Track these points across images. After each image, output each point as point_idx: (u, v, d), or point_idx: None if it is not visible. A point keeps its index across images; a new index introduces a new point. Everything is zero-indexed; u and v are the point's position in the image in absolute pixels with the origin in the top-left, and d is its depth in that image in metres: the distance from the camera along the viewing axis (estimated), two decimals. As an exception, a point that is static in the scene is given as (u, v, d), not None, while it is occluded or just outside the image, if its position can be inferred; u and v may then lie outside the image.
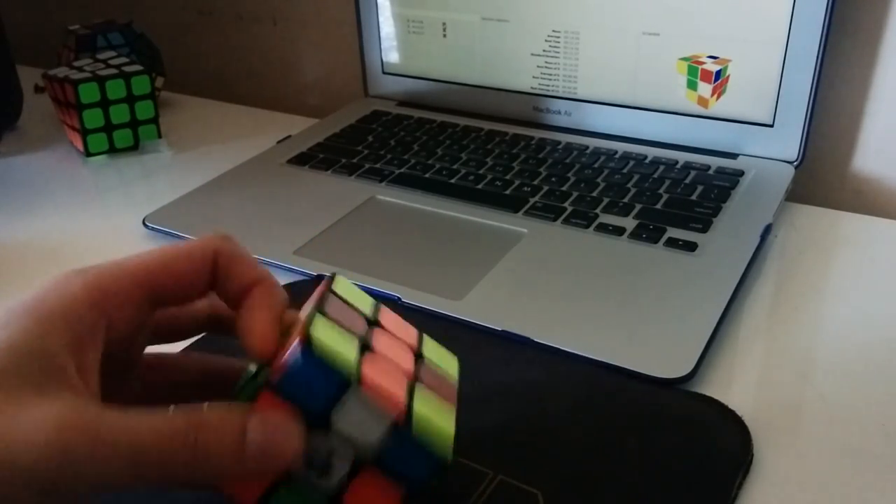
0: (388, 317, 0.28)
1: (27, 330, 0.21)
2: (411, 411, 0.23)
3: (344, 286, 0.27)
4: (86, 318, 0.23)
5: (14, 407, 0.20)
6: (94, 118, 0.61)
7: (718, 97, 0.53)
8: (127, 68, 0.61)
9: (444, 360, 0.28)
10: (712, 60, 0.52)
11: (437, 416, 0.24)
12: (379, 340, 0.26)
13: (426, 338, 0.28)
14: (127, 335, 0.24)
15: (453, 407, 0.26)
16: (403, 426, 0.23)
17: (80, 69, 0.61)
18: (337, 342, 0.23)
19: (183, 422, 0.21)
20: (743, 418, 0.32)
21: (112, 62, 0.63)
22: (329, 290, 0.26)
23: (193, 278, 0.26)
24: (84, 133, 0.61)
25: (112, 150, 0.63)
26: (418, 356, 0.27)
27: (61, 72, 0.61)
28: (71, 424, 0.20)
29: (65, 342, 0.22)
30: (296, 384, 0.22)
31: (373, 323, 0.27)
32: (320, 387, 0.22)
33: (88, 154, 0.62)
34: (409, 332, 0.28)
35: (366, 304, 0.27)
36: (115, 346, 0.24)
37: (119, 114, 0.62)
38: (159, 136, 0.64)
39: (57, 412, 0.20)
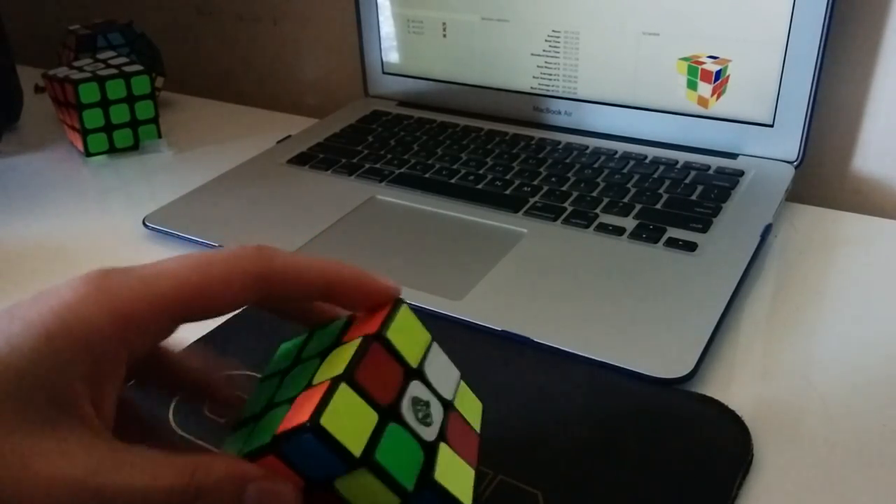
0: (434, 358, 0.26)
1: (40, 358, 0.20)
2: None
3: (402, 324, 0.25)
4: (108, 352, 0.21)
5: (31, 445, 0.20)
6: (94, 118, 0.61)
7: (718, 97, 0.53)
8: (127, 68, 0.61)
9: (471, 408, 0.27)
10: (712, 60, 0.52)
11: (452, 484, 0.23)
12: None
13: (461, 383, 0.27)
14: (146, 353, 0.23)
15: (473, 463, 0.25)
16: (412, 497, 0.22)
17: (80, 69, 0.61)
18: (350, 426, 0.22)
19: (184, 481, 0.21)
20: (743, 418, 0.32)
21: (112, 62, 0.63)
22: (380, 335, 0.24)
23: (228, 302, 0.23)
24: (84, 133, 0.61)
25: (112, 150, 0.63)
26: (449, 405, 0.26)
27: (61, 72, 0.61)
28: (88, 489, 0.19)
29: (83, 374, 0.21)
30: (298, 458, 0.22)
31: (413, 372, 0.25)
32: (324, 464, 0.22)
33: (88, 154, 0.62)
34: (449, 376, 0.27)
35: (419, 344, 0.25)
36: (131, 365, 0.23)
37: (119, 114, 0.62)
38: (159, 136, 0.64)
39: (63, 470, 0.19)
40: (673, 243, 0.44)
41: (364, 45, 0.66)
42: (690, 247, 0.44)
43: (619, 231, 0.46)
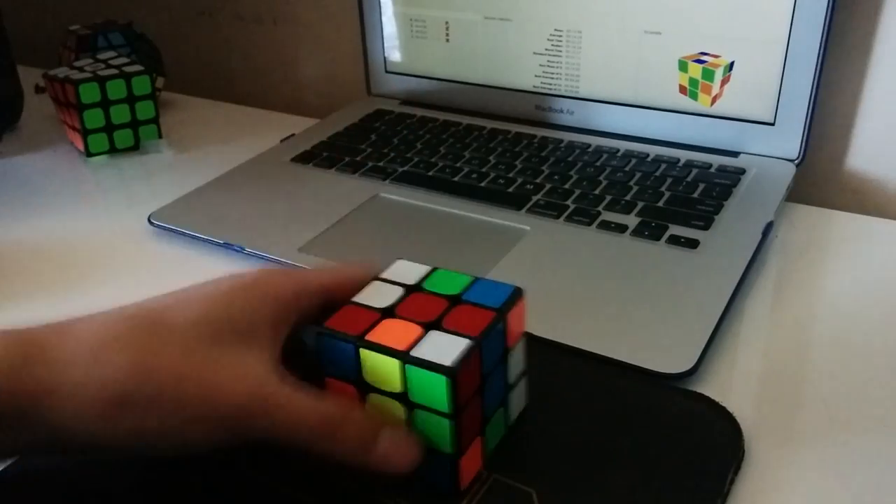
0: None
1: (245, 305, 0.28)
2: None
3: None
4: (288, 306, 0.28)
5: (226, 356, 0.26)
6: (94, 118, 0.61)
7: (720, 96, 0.53)
8: (127, 68, 0.61)
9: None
10: (714, 59, 0.53)
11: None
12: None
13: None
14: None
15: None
16: None
17: (81, 69, 0.61)
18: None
19: (335, 413, 0.26)
20: (742, 415, 0.32)
21: (112, 62, 0.63)
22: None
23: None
24: (84, 133, 0.61)
25: (113, 151, 0.63)
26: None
27: (62, 72, 0.61)
28: (259, 394, 0.26)
29: (265, 317, 0.28)
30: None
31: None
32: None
33: (89, 154, 0.62)
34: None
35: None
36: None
37: (120, 114, 0.62)
38: (160, 136, 0.64)
39: (253, 375, 0.26)
40: (675, 241, 0.44)
41: (367, 45, 0.67)
42: (692, 244, 0.44)
43: (621, 228, 0.46)
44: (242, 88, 0.83)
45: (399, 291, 0.29)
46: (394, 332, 0.27)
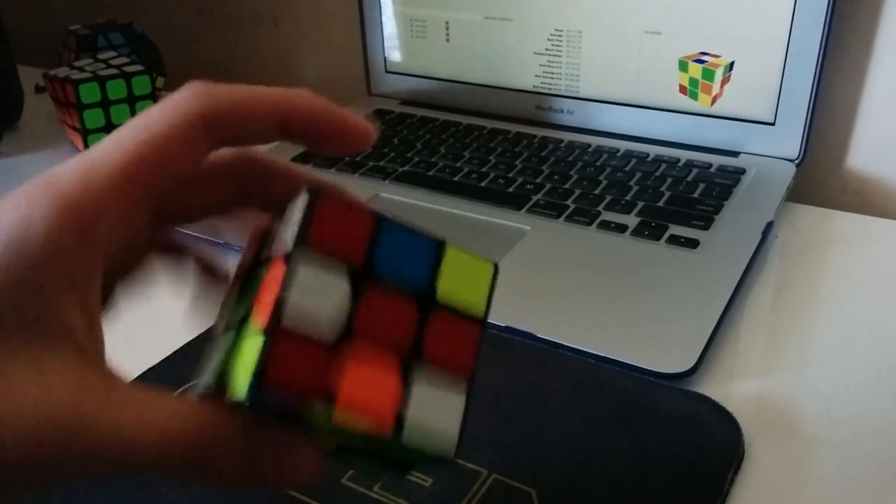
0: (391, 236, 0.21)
1: (27, 261, 0.17)
2: (402, 421, 0.19)
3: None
4: (72, 263, 0.18)
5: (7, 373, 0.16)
6: (94, 118, 0.61)
7: (720, 96, 0.53)
8: (128, 68, 0.61)
9: (467, 284, 0.22)
10: (714, 59, 0.53)
11: (436, 418, 0.20)
12: (366, 313, 0.20)
13: (449, 251, 0.22)
14: (126, 244, 0.20)
15: (465, 383, 0.21)
16: (392, 438, 0.19)
17: (81, 69, 0.61)
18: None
19: (193, 433, 0.18)
20: (739, 414, 0.32)
21: (113, 62, 0.63)
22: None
23: (188, 158, 0.20)
24: (85, 133, 0.61)
25: (113, 150, 0.63)
26: (427, 300, 0.21)
27: (62, 72, 0.61)
28: (66, 423, 0.16)
29: (58, 285, 0.17)
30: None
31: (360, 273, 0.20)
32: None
33: (90, 153, 0.62)
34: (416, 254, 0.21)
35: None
36: (113, 261, 0.20)
37: (120, 114, 0.61)
38: (160, 135, 0.64)
39: (56, 395, 0.16)
40: (675, 241, 0.44)
41: (367, 45, 0.67)
42: (692, 244, 0.44)
43: (621, 228, 0.46)
44: (242, 88, 0.83)
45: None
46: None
